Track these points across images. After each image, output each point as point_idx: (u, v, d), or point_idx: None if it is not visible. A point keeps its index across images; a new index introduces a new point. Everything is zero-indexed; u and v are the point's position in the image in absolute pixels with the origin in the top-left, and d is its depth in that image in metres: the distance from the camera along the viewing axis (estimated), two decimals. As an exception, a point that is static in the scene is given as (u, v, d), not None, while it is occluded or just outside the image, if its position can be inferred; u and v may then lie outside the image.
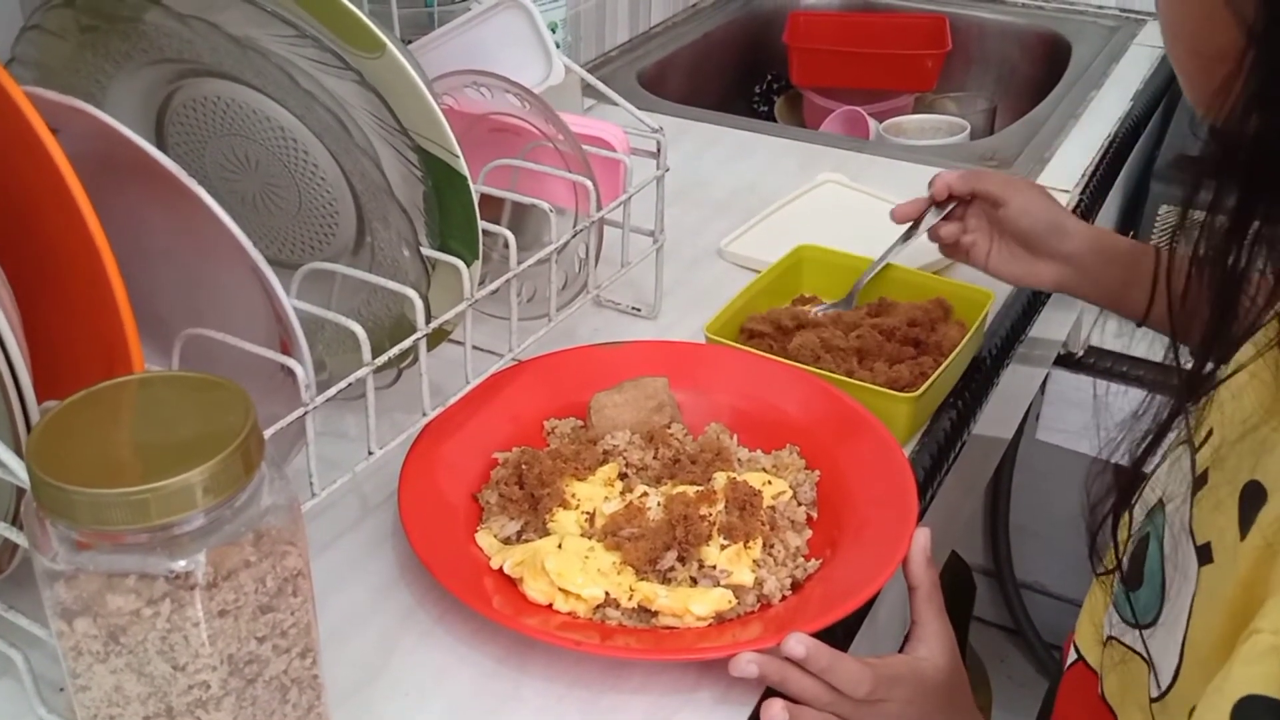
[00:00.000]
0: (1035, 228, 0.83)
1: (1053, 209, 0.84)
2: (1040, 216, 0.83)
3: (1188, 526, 0.51)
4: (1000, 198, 0.84)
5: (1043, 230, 0.83)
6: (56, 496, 0.42)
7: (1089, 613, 0.61)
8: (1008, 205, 0.83)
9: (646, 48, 1.50)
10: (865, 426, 0.73)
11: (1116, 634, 0.56)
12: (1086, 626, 0.61)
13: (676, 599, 0.61)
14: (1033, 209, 0.83)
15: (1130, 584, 0.56)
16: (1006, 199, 0.83)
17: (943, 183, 0.86)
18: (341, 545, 0.68)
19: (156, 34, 0.64)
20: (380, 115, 0.65)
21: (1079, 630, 0.62)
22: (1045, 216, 0.83)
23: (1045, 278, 0.84)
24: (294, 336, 0.59)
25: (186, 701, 0.46)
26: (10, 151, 0.53)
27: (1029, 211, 0.83)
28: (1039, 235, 0.83)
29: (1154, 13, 1.59)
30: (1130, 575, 0.56)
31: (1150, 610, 0.53)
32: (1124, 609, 0.56)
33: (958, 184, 0.86)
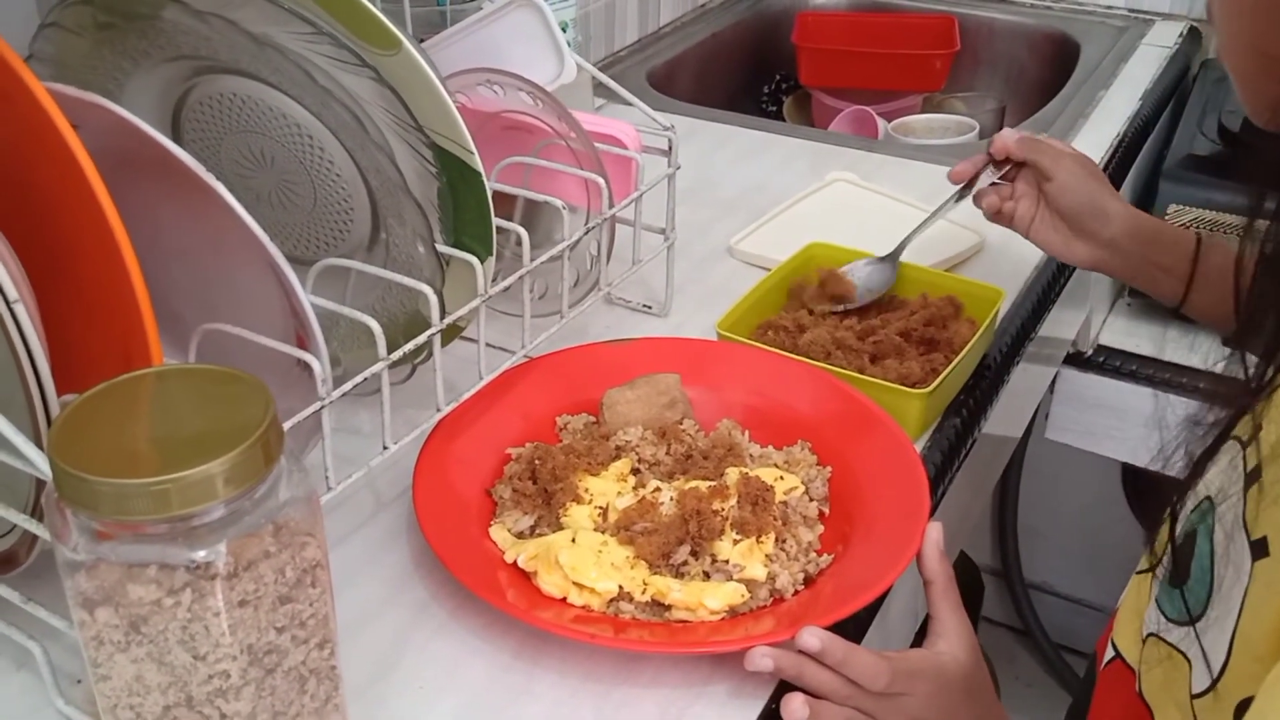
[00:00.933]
0: (1075, 208, 0.83)
1: (1095, 190, 0.84)
2: (1082, 198, 0.83)
3: (1241, 522, 0.51)
4: (1048, 171, 0.84)
5: (1082, 212, 0.83)
6: (78, 487, 0.42)
7: (1129, 610, 0.61)
8: (1053, 180, 0.84)
9: (655, 48, 1.50)
10: (877, 423, 0.73)
11: (1157, 630, 0.56)
12: (1126, 624, 0.61)
13: (690, 593, 0.62)
14: (1076, 187, 0.83)
15: (1177, 580, 0.55)
16: (1053, 174, 0.84)
17: (1003, 144, 0.86)
18: (356, 540, 0.69)
19: (174, 31, 0.65)
20: (396, 112, 0.65)
21: (1118, 628, 0.61)
22: (1087, 198, 0.83)
23: (1081, 257, 0.85)
24: (311, 331, 0.60)
25: (206, 691, 0.46)
26: (31, 146, 0.54)
27: (1071, 190, 0.83)
28: (1081, 216, 0.83)
29: (1163, 13, 1.59)
30: (1176, 572, 0.55)
31: (1197, 606, 0.53)
32: (1168, 605, 0.55)
33: (1016, 149, 0.86)
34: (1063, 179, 0.83)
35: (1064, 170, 0.84)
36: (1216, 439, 0.54)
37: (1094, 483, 1.59)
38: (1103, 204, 0.83)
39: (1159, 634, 0.56)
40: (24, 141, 0.54)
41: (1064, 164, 0.84)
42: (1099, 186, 0.84)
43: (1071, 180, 0.83)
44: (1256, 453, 0.51)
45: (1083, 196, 0.83)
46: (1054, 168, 0.84)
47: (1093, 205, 0.83)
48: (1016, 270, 0.98)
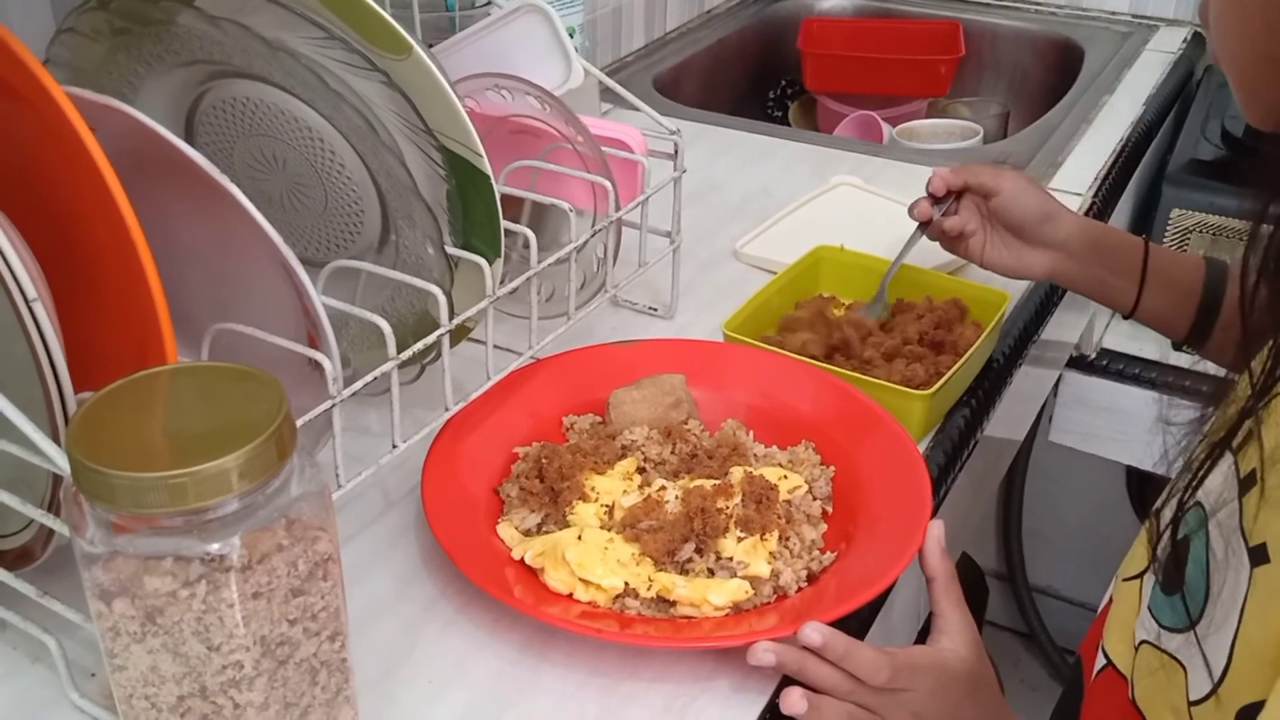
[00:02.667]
0: (1026, 216, 0.84)
1: (1042, 197, 0.85)
2: (1031, 205, 0.84)
3: (1238, 528, 0.51)
4: (991, 188, 0.85)
5: (1034, 218, 0.84)
6: (96, 481, 0.44)
7: (1119, 618, 0.61)
8: (999, 194, 0.85)
9: (662, 53, 1.51)
10: (880, 423, 0.74)
11: (1150, 638, 0.56)
12: (1116, 631, 0.60)
13: (694, 589, 0.63)
14: (1023, 198, 0.84)
15: (1171, 588, 0.55)
16: (998, 188, 0.85)
17: (939, 179, 0.87)
18: (365, 537, 0.70)
19: (188, 36, 0.66)
20: (406, 115, 0.66)
21: (1108, 635, 0.61)
22: (1036, 205, 0.84)
23: (1037, 267, 0.86)
24: (322, 331, 0.61)
25: (220, 681, 0.47)
26: (50, 149, 0.55)
27: (1019, 200, 0.84)
28: (1030, 223, 0.84)
29: (1167, 18, 1.60)
30: (1169, 579, 0.55)
31: (1194, 612, 0.52)
32: (1163, 613, 0.55)
33: (951, 178, 0.87)
34: (1008, 190, 0.85)
35: (1007, 182, 0.85)
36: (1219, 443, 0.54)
37: (1098, 486, 1.59)
38: (1051, 209, 0.85)
39: (1152, 641, 0.55)
40: (43, 144, 0.55)
41: (1006, 177, 0.86)
42: (1045, 194, 0.86)
43: (1017, 191, 0.85)
44: (1251, 459, 0.51)
45: (1031, 202, 0.84)
46: (996, 183, 0.85)
47: (1042, 210, 0.84)
48: (1019, 273, 0.99)
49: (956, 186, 0.87)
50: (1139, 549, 0.60)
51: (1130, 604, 0.59)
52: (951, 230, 0.87)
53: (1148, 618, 0.56)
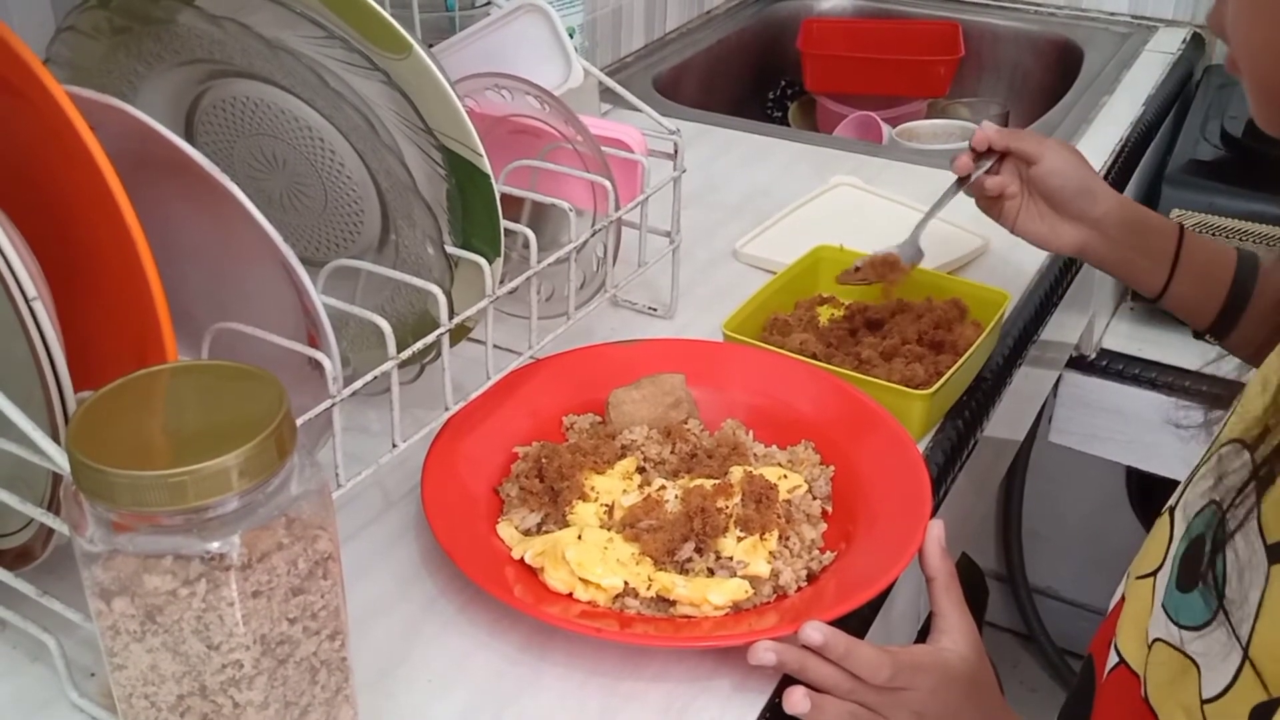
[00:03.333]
0: (1065, 187, 0.83)
1: (1084, 171, 0.85)
2: (1071, 177, 0.84)
3: (1256, 526, 0.50)
4: (1034, 155, 0.84)
5: (1072, 191, 0.83)
6: (96, 479, 0.43)
7: (1131, 616, 0.60)
8: (1040, 163, 0.84)
9: (662, 53, 1.51)
10: (880, 423, 0.74)
11: (1163, 636, 0.56)
12: (1129, 629, 0.60)
13: (694, 589, 0.63)
14: (1064, 169, 0.84)
15: (1184, 585, 0.55)
16: (1039, 156, 0.84)
17: (983, 135, 0.86)
18: (365, 536, 0.70)
19: (188, 35, 0.66)
20: (406, 115, 0.66)
21: (1121, 633, 0.61)
22: (1076, 177, 0.84)
23: (1068, 240, 0.85)
24: (322, 331, 0.61)
25: (220, 680, 0.47)
26: (50, 147, 0.55)
27: (1060, 171, 0.84)
28: (1068, 196, 0.84)
29: (1166, 19, 1.60)
30: (1185, 577, 0.55)
31: (1208, 610, 0.52)
32: (1177, 610, 0.55)
33: (997, 138, 0.86)
34: (1050, 160, 0.84)
35: (1050, 152, 0.84)
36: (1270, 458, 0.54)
37: (1098, 487, 1.59)
38: (1091, 184, 0.84)
39: (1166, 639, 0.55)
40: (43, 143, 0.55)
41: (1049, 146, 0.85)
42: (1087, 168, 0.85)
43: (1059, 162, 0.84)
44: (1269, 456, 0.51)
45: (1072, 176, 0.84)
46: (1039, 151, 0.84)
47: (1082, 183, 0.84)
48: (1020, 273, 0.99)
49: (999, 147, 0.86)
50: (1152, 546, 0.60)
51: (1143, 602, 0.59)
52: (992, 190, 0.86)
53: (1161, 615, 0.56)
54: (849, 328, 0.86)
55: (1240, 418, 0.55)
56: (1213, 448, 0.58)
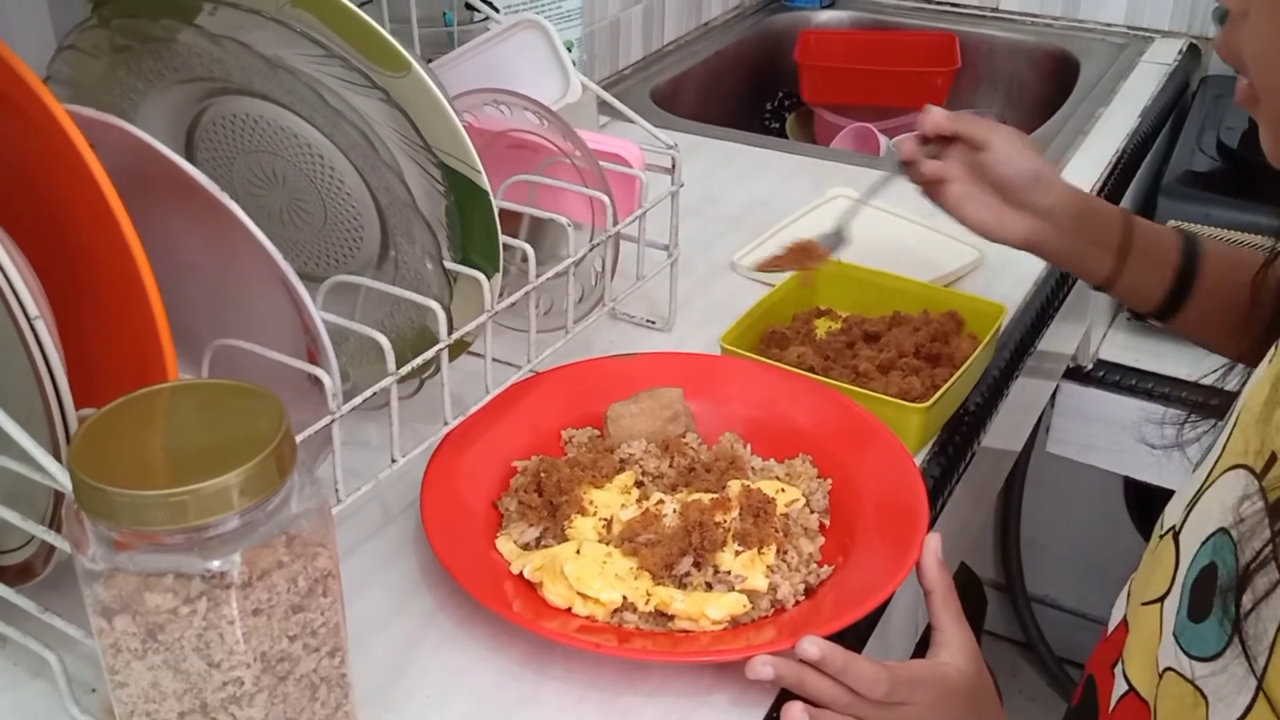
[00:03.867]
0: (1017, 177, 0.80)
1: (1035, 159, 0.81)
2: (1023, 166, 0.80)
3: (1272, 557, 0.49)
4: (984, 141, 0.81)
5: (1023, 180, 0.80)
6: (98, 498, 0.44)
7: (1139, 643, 0.60)
8: (991, 150, 0.81)
9: (659, 65, 1.52)
10: (877, 436, 0.74)
11: (1174, 665, 0.55)
12: (1138, 657, 0.59)
13: (692, 603, 0.63)
14: (1015, 157, 0.81)
15: (1196, 615, 0.54)
16: (990, 143, 0.81)
17: (931, 120, 0.83)
18: (364, 551, 0.70)
19: (189, 53, 0.66)
20: (405, 132, 0.67)
21: (1129, 661, 0.60)
22: (1027, 165, 0.81)
23: (1016, 229, 0.82)
24: (322, 347, 0.61)
25: (221, 698, 0.47)
26: (51, 165, 0.55)
27: (1011, 159, 0.80)
28: (1018, 185, 0.80)
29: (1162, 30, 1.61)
30: (1197, 606, 0.54)
31: (1220, 641, 0.51)
32: (1189, 641, 0.54)
33: (944, 122, 0.82)
34: (1001, 148, 0.81)
35: (1001, 139, 0.81)
36: None
37: (1096, 496, 1.60)
38: (1042, 173, 0.81)
39: (1177, 669, 0.54)
40: (44, 161, 0.56)
41: (999, 133, 0.81)
42: (1038, 157, 0.82)
43: (1011, 149, 0.81)
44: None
45: (1023, 164, 0.80)
46: (990, 138, 0.81)
47: (1033, 172, 0.80)
48: (1016, 285, 1.00)
49: (947, 131, 0.82)
50: (1157, 571, 0.59)
51: (1151, 629, 0.58)
52: (929, 174, 0.83)
53: (1172, 645, 0.55)
54: (846, 340, 0.87)
55: (1243, 441, 0.55)
56: (1214, 470, 0.57)
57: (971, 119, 0.83)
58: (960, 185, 0.82)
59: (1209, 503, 0.56)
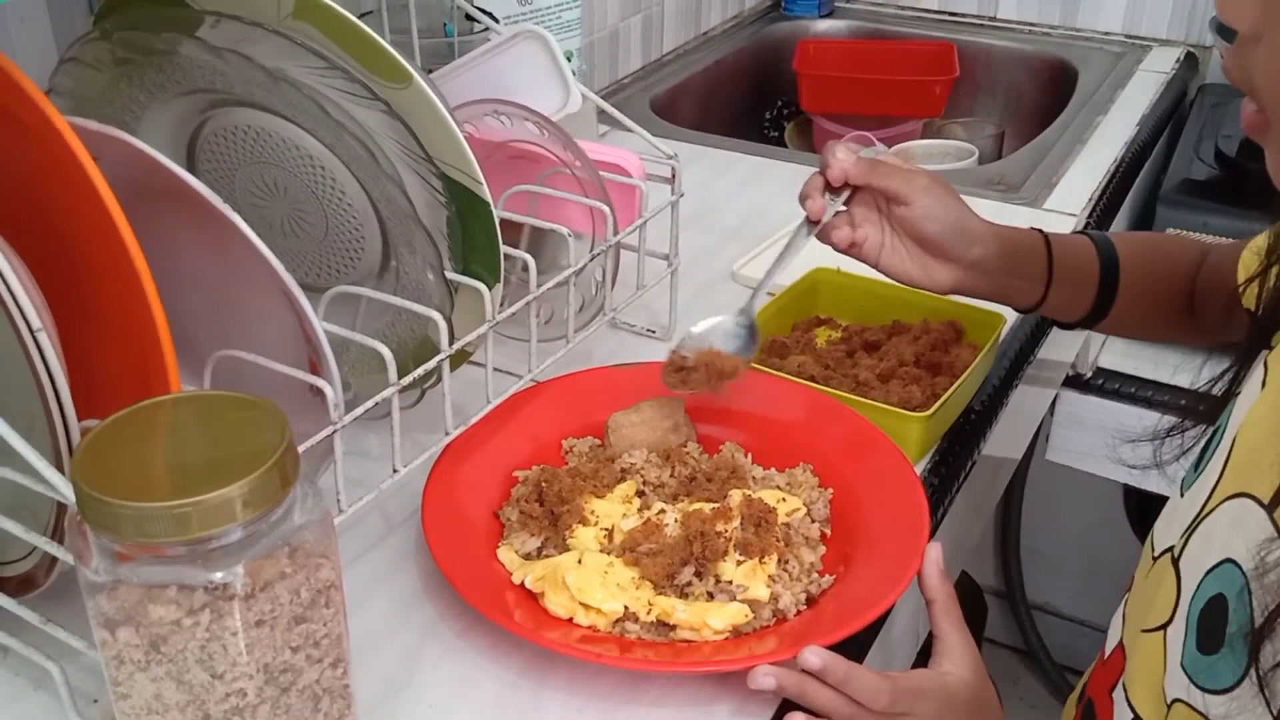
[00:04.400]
0: (941, 234, 0.75)
1: (959, 211, 0.76)
2: (947, 221, 0.75)
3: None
4: (902, 196, 0.75)
5: (948, 237, 0.75)
6: (101, 510, 0.44)
7: (1143, 670, 0.59)
8: (912, 205, 0.75)
9: (659, 75, 1.52)
10: (877, 445, 0.74)
11: (1183, 698, 0.54)
12: (1142, 686, 0.59)
13: (694, 613, 0.63)
14: (939, 213, 0.75)
15: (1207, 648, 0.54)
16: (909, 198, 0.75)
17: (839, 169, 0.75)
18: (366, 561, 0.70)
19: (190, 66, 0.67)
20: (406, 144, 0.67)
21: (1132, 688, 0.60)
22: (952, 221, 0.75)
23: (942, 281, 0.77)
24: (324, 357, 0.61)
25: (224, 709, 0.47)
26: (53, 178, 0.55)
27: (933, 215, 0.75)
28: (943, 242, 0.75)
29: (1159, 38, 1.61)
30: (1206, 639, 0.54)
31: (1235, 674, 0.51)
32: (1199, 674, 0.54)
33: (855, 173, 0.75)
34: (924, 204, 0.74)
35: (922, 194, 0.75)
36: None
37: (1095, 504, 1.60)
38: (967, 225, 0.76)
39: (1187, 702, 0.54)
40: (46, 173, 0.56)
41: (919, 186, 0.75)
42: (960, 206, 0.76)
43: (935, 205, 0.75)
44: None
45: (948, 219, 0.75)
46: (908, 191, 0.75)
47: (958, 227, 0.75)
48: (1015, 294, 1.00)
49: (858, 183, 0.76)
50: (1158, 597, 0.59)
51: (1154, 657, 0.58)
52: (840, 244, 0.77)
53: (1181, 676, 0.55)
54: (846, 349, 0.87)
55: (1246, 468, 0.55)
56: (1214, 495, 0.57)
57: (886, 168, 0.76)
58: (876, 242, 0.77)
59: (1211, 530, 0.56)
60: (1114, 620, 0.67)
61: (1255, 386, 0.59)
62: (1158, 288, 0.82)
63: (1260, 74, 0.51)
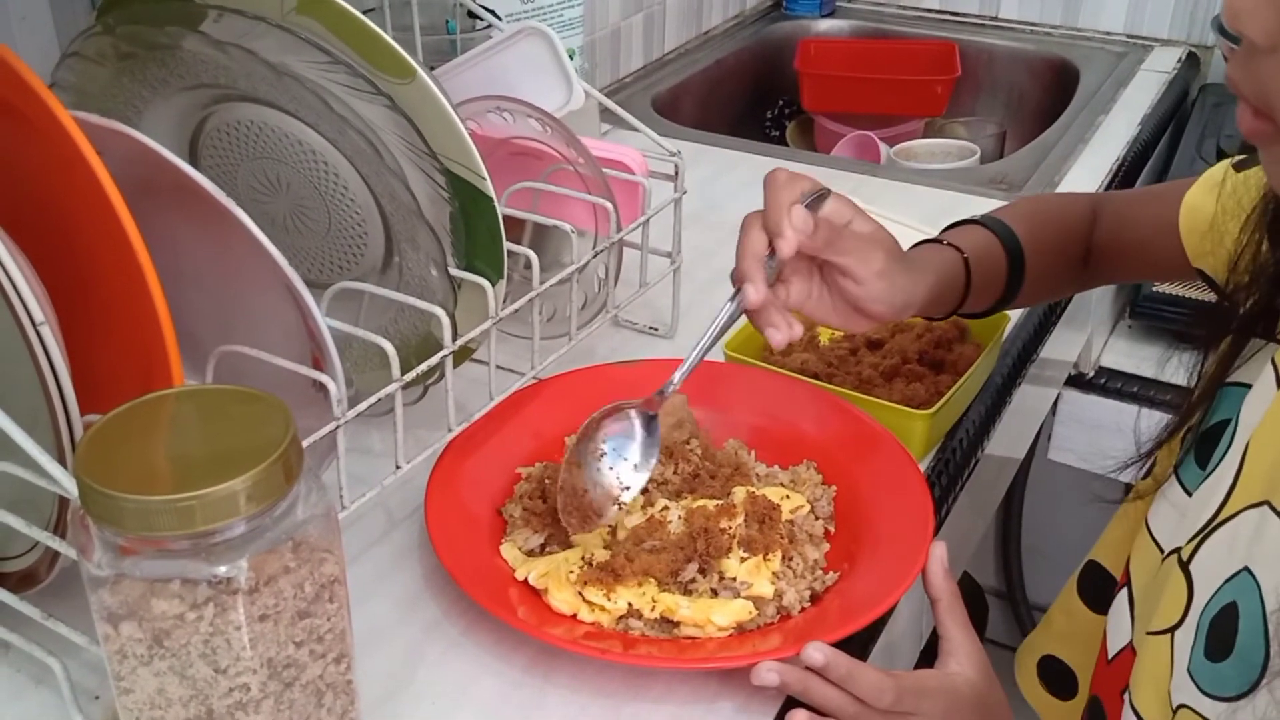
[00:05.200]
0: (886, 313, 0.68)
1: (907, 292, 0.68)
2: (894, 305, 0.68)
3: None
4: (857, 276, 0.67)
5: (888, 314, 0.69)
6: (105, 504, 0.44)
7: (1148, 673, 0.59)
8: (862, 286, 0.67)
9: (660, 74, 1.52)
10: (881, 443, 0.74)
11: (1189, 703, 0.54)
12: (1147, 688, 0.59)
13: (698, 610, 0.63)
14: (887, 297, 0.67)
15: (1216, 655, 0.53)
16: (862, 279, 0.67)
17: (795, 244, 0.65)
18: (369, 558, 0.70)
19: (193, 60, 0.66)
20: (410, 139, 0.67)
21: (1136, 690, 0.60)
22: (899, 304, 0.68)
23: (860, 328, 0.71)
24: (327, 353, 0.61)
25: (227, 704, 0.47)
26: (57, 172, 0.55)
27: (883, 300, 0.67)
28: (882, 315, 0.69)
29: (1161, 38, 1.61)
30: (1216, 646, 0.54)
31: (1243, 682, 0.51)
32: (1205, 679, 0.54)
33: (811, 246, 0.66)
34: (876, 289, 0.67)
35: (876, 279, 0.67)
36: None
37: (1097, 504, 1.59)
38: (910, 301, 0.69)
39: (1193, 708, 0.54)
40: (50, 168, 0.56)
41: (875, 270, 0.67)
42: (908, 282, 0.69)
43: (885, 291, 0.67)
44: None
45: (895, 304, 0.68)
46: (863, 273, 0.66)
47: (902, 306, 0.69)
48: (1018, 292, 1.00)
49: (813, 253, 0.67)
50: (1165, 600, 0.59)
51: (1160, 660, 0.58)
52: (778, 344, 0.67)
53: (1188, 682, 0.55)
54: (850, 347, 0.87)
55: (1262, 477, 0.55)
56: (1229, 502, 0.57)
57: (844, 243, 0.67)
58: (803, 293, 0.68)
59: (1229, 539, 0.56)
60: (1113, 616, 0.66)
61: (1268, 387, 0.59)
62: (1056, 259, 0.82)
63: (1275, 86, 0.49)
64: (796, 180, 0.68)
